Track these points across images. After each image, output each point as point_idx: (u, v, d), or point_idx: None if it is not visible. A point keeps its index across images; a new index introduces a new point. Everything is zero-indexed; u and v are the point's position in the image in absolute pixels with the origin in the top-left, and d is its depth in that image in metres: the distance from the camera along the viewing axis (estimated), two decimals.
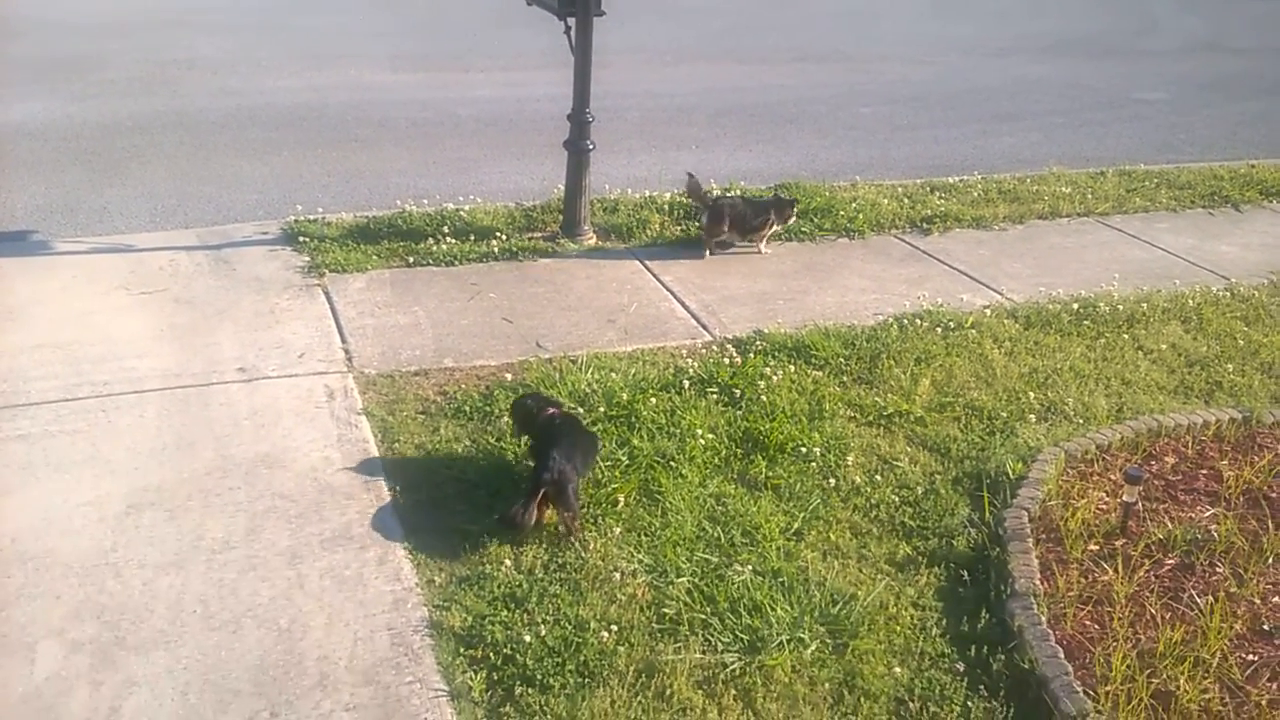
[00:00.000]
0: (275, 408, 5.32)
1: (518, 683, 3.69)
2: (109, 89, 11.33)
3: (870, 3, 20.09)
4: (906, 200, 8.78)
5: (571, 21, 7.23)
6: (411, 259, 7.26)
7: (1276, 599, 4.31)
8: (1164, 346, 6.43)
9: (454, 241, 7.50)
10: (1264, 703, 3.77)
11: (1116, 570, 4.33)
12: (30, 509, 4.43)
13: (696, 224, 7.81)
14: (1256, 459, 5.24)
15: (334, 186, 8.79)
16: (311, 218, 7.79)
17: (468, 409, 5.37)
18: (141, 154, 9.28)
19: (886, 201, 8.69)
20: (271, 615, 3.93)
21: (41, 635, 3.79)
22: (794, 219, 7.90)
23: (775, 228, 7.79)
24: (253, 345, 5.94)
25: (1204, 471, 5.18)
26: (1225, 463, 5.22)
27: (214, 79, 12.03)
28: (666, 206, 8.32)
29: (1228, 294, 7.27)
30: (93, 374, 5.52)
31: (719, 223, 7.59)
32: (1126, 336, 6.52)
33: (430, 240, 7.49)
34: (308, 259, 7.16)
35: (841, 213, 8.32)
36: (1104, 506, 4.82)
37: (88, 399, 5.30)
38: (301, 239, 7.43)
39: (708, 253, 7.66)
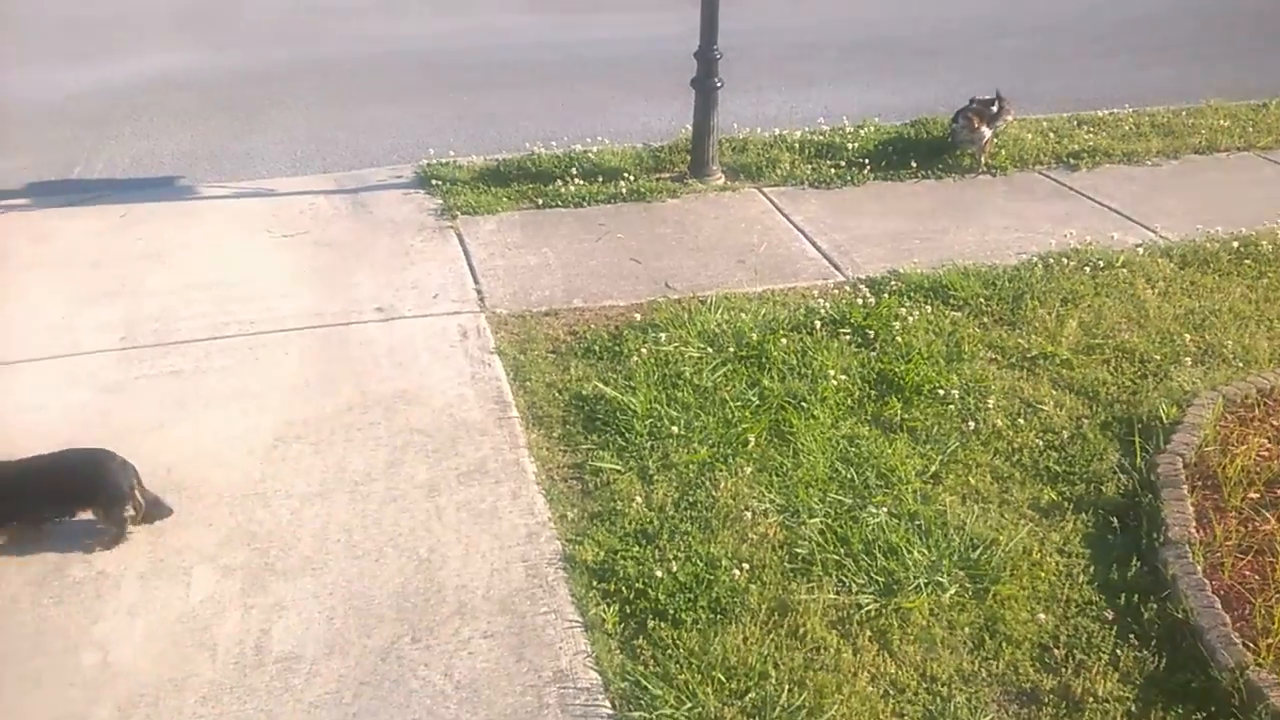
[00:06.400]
0: (412, 346, 5.43)
1: (650, 616, 3.71)
2: (247, 37, 11.63)
3: None
4: (1051, 135, 8.39)
5: None
6: (540, 200, 7.28)
7: None
8: None
9: (582, 183, 7.49)
10: None
11: (1279, 519, 4.10)
12: (184, 441, 4.63)
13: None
14: None
15: (465, 130, 8.86)
16: (443, 161, 7.87)
17: (597, 348, 5.38)
18: (280, 101, 9.51)
19: (1030, 136, 8.32)
20: (411, 545, 4.03)
21: (196, 561, 3.96)
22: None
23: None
24: (389, 286, 6.06)
25: None
26: None
27: (346, 25, 12.23)
28: (796, 145, 8.14)
29: None
30: (239, 313, 5.72)
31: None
32: None
33: (559, 182, 7.49)
34: (440, 201, 7.25)
35: None
36: (1266, 453, 4.55)
37: (235, 337, 5.49)
38: (434, 182, 7.52)
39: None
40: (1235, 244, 6.45)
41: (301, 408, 4.86)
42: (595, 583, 3.86)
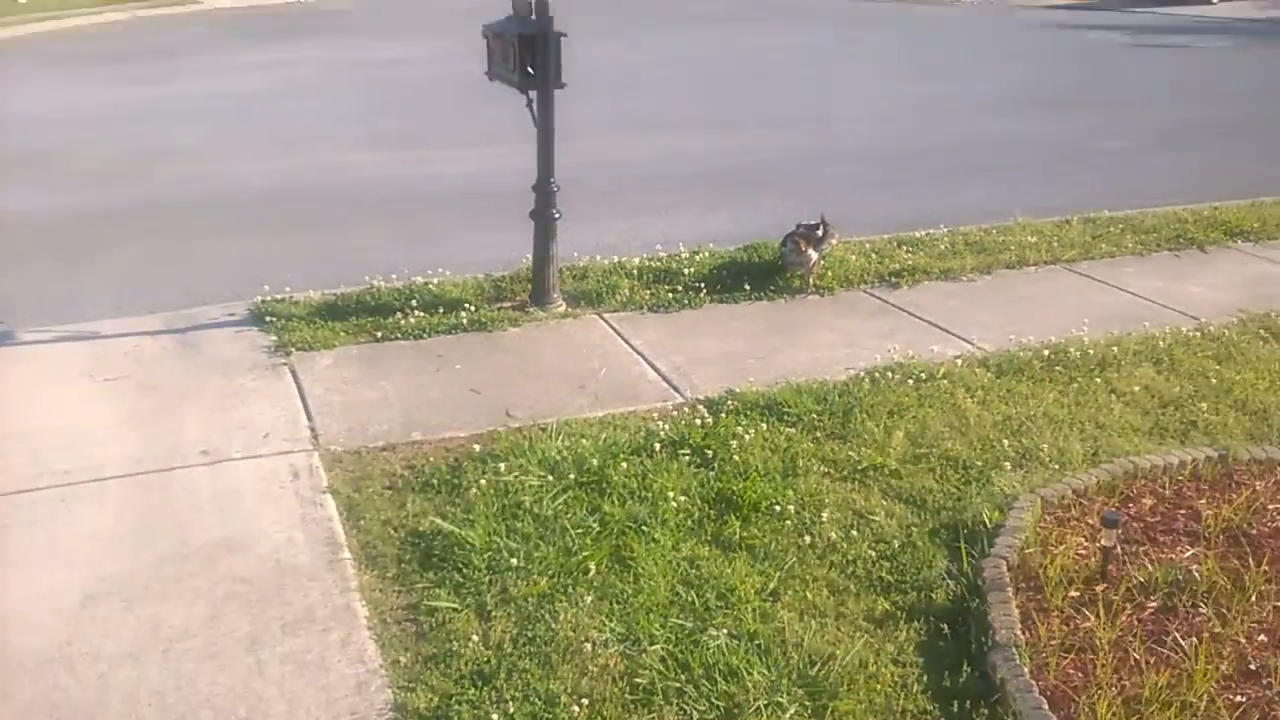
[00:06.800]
0: (239, 490, 5.23)
1: None
2: (81, 179, 11.36)
3: (830, 66, 20.45)
4: (874, 255, 8.81)
5: (533, 95, 7.29)
6: (380, 334, 7.21)
7: (1262, 638, 4.23)
8: (1137, 389, 6.40)
9: (422, 315, 7.46)
10: None
11: (1098, 616, 4.24)
12: None
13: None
14: (1234, 496, 5.19)
15: (303, 266, 8.76)
16: (279, 297, 7.75)
17: (435, 482, 5.28)
18: (112, 242, 9.26)
19: (854, 258, 8.71)
20: (229, 705, 3.80)
21: None
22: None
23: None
24: (217, 427, 5.86)
25: (1182, 512, 5.12)
26: (1203, 501, 5.16)
27: (185, 166, 12.08)
28: (635, 271, 8.33)
29: (1198, 334, 7.26)
30: (53, 464, 5.43)
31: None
32: (1099, 380, 6.49)
33: (399, 314, 7.44)
34: (275, 338, 7.10)
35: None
36: (1083, 552, 4.74)
37: (47, 489, 5.20)
38: (269, 319, 7.38)
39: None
40: (1046, 352, 6.83)
41: (115, 562, 4.60)
42: None
